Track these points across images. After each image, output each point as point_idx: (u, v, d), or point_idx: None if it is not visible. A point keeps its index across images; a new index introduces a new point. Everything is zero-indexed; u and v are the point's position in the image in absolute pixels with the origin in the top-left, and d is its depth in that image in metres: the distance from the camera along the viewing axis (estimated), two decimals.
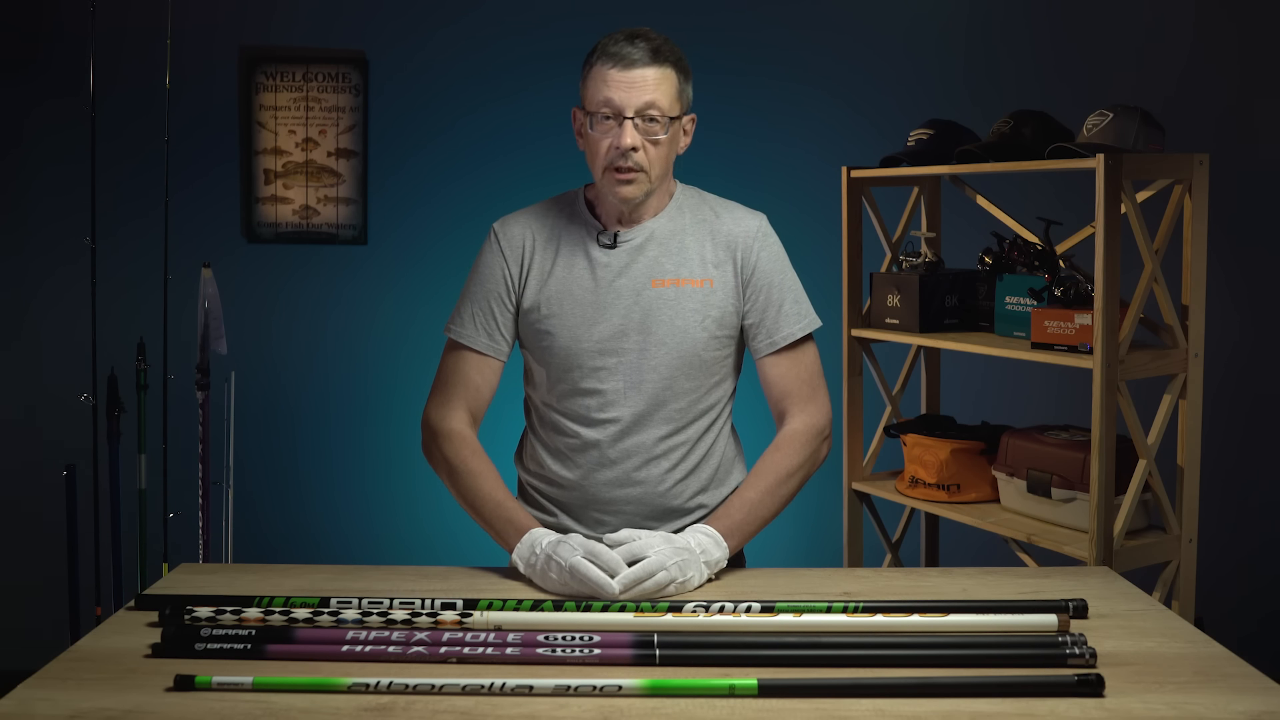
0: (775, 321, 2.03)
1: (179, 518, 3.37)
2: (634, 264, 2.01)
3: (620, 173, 1.94)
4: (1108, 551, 2.41)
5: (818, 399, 2.05)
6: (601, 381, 2.01)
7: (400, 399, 3.87)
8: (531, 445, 2.13)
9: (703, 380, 2.03)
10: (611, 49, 1.93)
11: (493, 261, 2.06)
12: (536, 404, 2.11)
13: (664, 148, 1.95)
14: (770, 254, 2.05)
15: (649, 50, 1.92)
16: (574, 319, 2.01)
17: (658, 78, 1.92)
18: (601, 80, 1.93)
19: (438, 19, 3.84)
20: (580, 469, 2.04)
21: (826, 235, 3.31)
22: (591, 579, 1.73)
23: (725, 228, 2.05)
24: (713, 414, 2.07)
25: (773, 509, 1.98)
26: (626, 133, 1.91)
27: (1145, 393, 2.66)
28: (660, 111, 1.92)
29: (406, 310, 3.88)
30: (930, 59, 3.82)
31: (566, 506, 2.07)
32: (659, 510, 2.04)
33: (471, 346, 2.04)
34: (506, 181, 3.80)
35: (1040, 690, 1.43)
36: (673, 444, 2.03)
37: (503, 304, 2.05)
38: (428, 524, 3.80)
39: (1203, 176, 2.49)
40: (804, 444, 2.01)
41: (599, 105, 1.93)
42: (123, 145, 3.73)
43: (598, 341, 2.00)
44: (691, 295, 2.00)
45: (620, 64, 1.92)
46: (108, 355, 3.32)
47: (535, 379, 2.09)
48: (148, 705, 1.40)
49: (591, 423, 2.02)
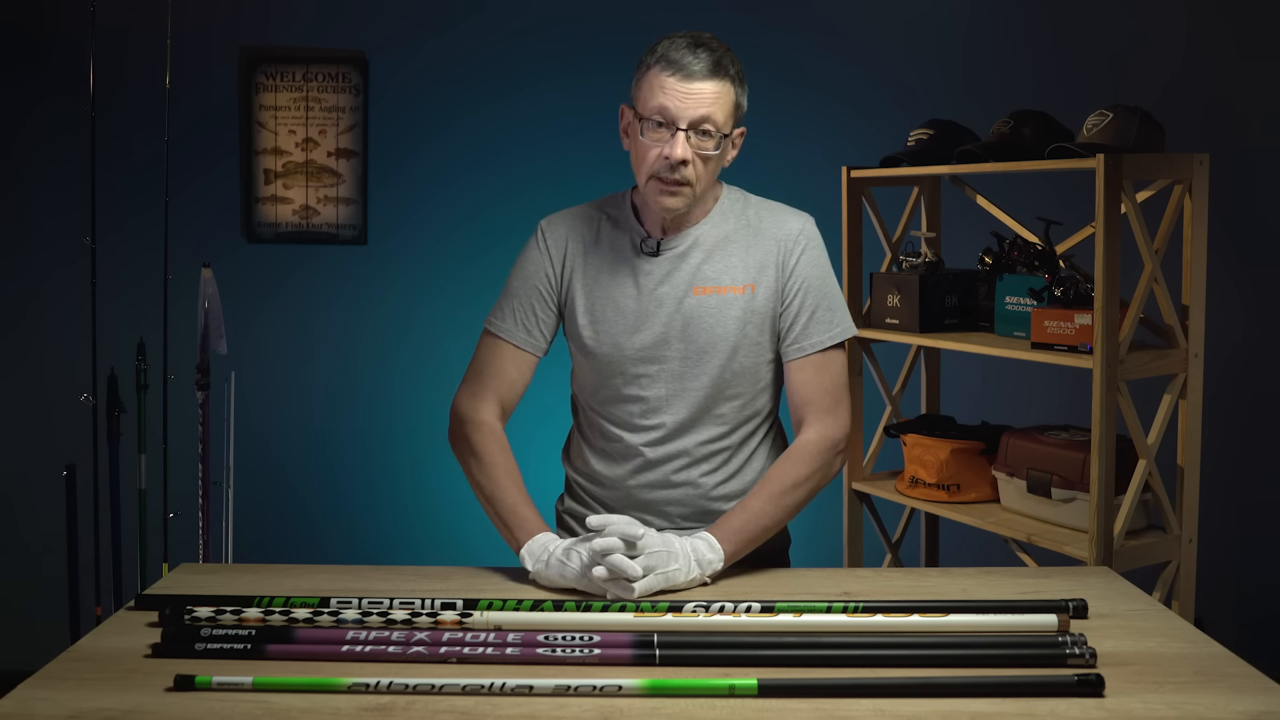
0: (806, 327, 2.00)
1: (179, 518, 3.37)
2: (676, 272, 1.99)
3: (666, 183, 1.91)
4: (1108, 551, 2.41)
5: (838, 412, 2.00)
6: (644, 389, 2.00)
7: (400, 398, 3.88)
8: (578, 443, 2.13)
9: (748, 386, 2.02)
10: (674, 55, 1.87)
11: (537, 259, 2.05)
12: (581, 405, 2.11)
13: (714, 162, 1.92)
14: (810, 258, 2.02)
15: (711, 62, 1.87)
16: (616, 326, 2.00)
17: (716, 92, 1.88)
18: (659, 86, 1.88)
19: (438, 20, 3.84)
20: (623, 470, 2.04)
21: (827, 235, 3.26)
22: (624, 569, 1.71)
23: (769, 229, 2.02)
24: (758, 419, 2.06)
25: (775, 518, 1.94)
26: (678, 144, 1.87)
27: (1145, 393, 2.66)
28: (715, 126, 1.89)
29: (406, 310, 3.88)
30: (930, 59, 3.82)
31: (609, 505, 2.07)
32: (700, 512, 2.03)
33: (509, 340, 2.03)
34: (506, 181, 3.80)
35: (1040, 690, 1.42)
36: (716, 448, 2.02)
37: (544, 301, 2.04)
38: (428, 524, 3.79)
39: (1203, 176, 2.49)
40: (814, 455, 1.97)
41: (653, 111, 1.89)
42: (123, 145, 3.73)
43: (640, 349, 1.99)
44: (733, 303, 1.98)
45: (680, 73, 1.87)
46: (108, 355, 3.32)
47: (581, 380, 2.10)
48: (148, 705, 1.40)
49: (635, 428, 2.02)
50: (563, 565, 1.80)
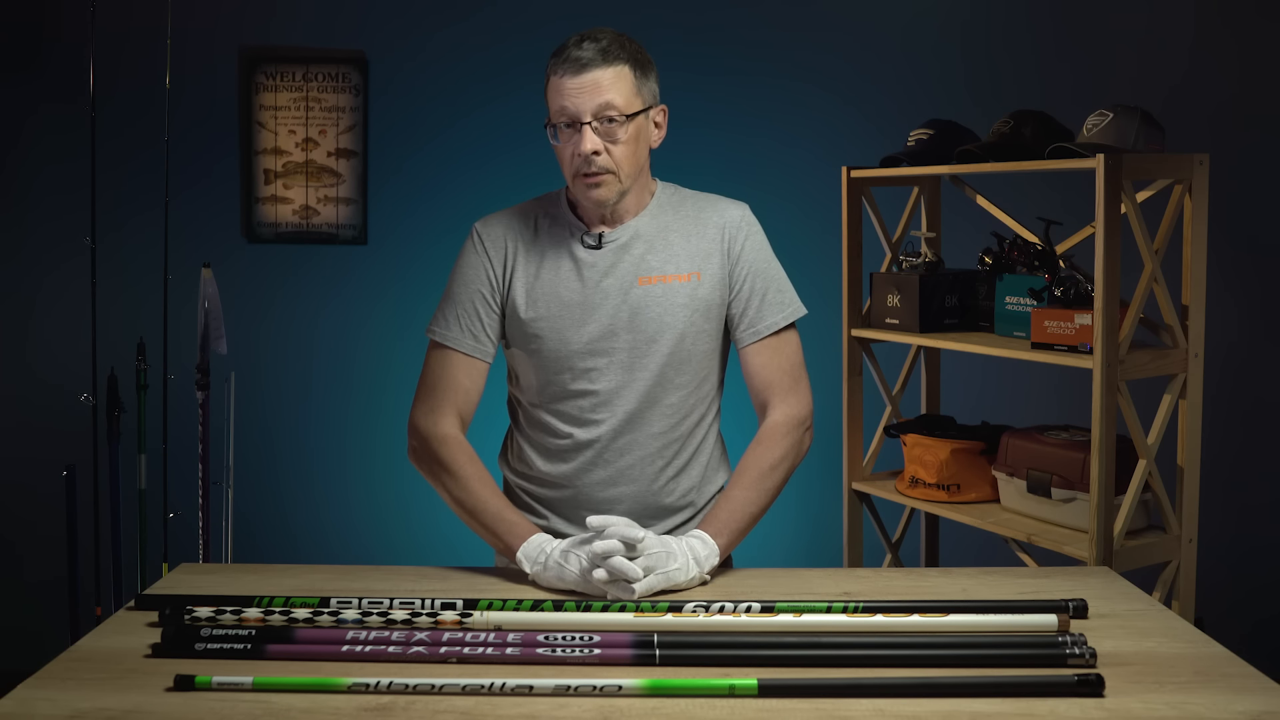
0: (759, 310, 2.03)
1: (179, 518, 3.37)
2: (620, 263, 2.00)
3: (588, 177, 1.94)
4: (1108, 551, 2.41)
5: (799, 390, 2.04)
6: (593, 382, 2.00)
7: (400, 399, 3.85)
8: (518, 445, 2.12)
9: (693, 374, 2.03)
10: (563, 55, 1.93)
11: (475, 262, 2.06)
12: (524, 404, 2.10)
13: (628, 146, 1.94)
14: (755, 243, 2.05)
15: (598, 51, 1.91)
16: (562, 320, 2.00)
17: (612, 77, 1.91)
18: (556, 90, 1.93)
19: (438, 19, 3.84)
20: (572, 468, 2.04)
21: (826, 235, 3.31)
22: (624, 571, 1.71)
23: (710, 218, 2.05)
24: (703, 407, 2.07)
25: (760, 504, 1.96)
26: (585, 138, 1.91)
27: (1145, 393, 2.66)
28: (617, 110, 1.91)
29: (406, 310, 3.88)
30: (930, 59, 3.82)
31: (556, 506, 2.06)
32: (650, 508, 2.03)
33: (458, 349, 2.03)
34: (506, 181, 3.79)
35: (1040, 690, 1.42)
36: (666, 440, 2.03)
37: (487, 305, 2.04)
38: (427, 524, 3.79)
39: (1203, 176, 2.49)
40: (785, 435, 2.00)
41: (557, 114, 1.94)
42: (123, 145, 3.73)
43: (587, 342, 1.99)
44: (679, 291, 2.00)
45: (571, 69, 1.91)
46: (108, 355, 3.32)
47: (521, 380, 2.08)
48: (148, 705, 1.40)
49: (584, 423, 2.02)
50: (561, 568, 1.80)
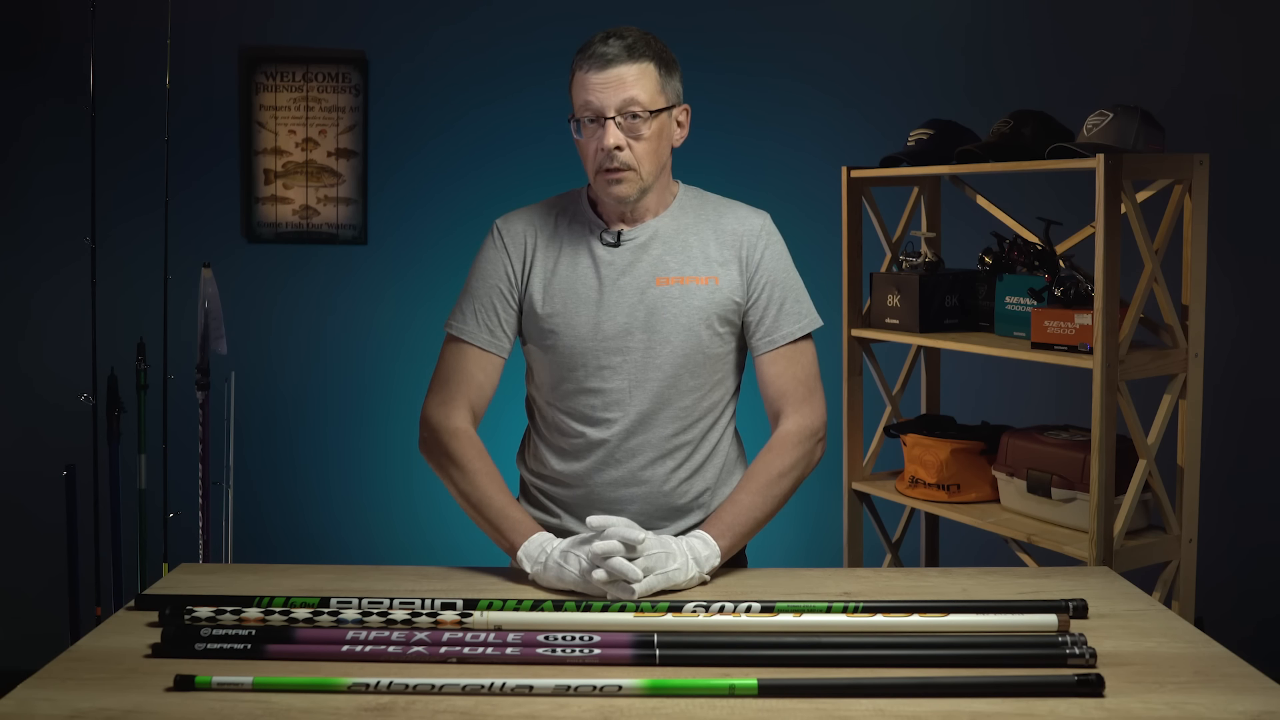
0: (775, 320, 2.03)
1: (179, 518, 3.37)
2: (638, 262, 2.01)
3: (610, 173, 1.94)
4: (1108, 551, 2.41)
5: (813, 400, 2.04)
6: (606, 380, 2.00)
7: (400, 399, 3.87)
8: (534, 444, 2.13)
9: (707, 377, 2.03)
10: (589, 51, 1.94)
11: (495, 257, 2.06)
12: (539, 403, 2.10)
13: (650, 143, 1.95)
14: (774, 252, 2.06)
15: (624, 47, 1.92)
16: (578, 317, 2.00)
17: (636, 73, 1.92)
18: (581, 84, 1.94)
19: (438, 19, 3.84)
20: (584, 467, 2.04)
21: (826, 235, 3.31)
22: (624, 571, 1.71)
23: (730, 225, 2.05)
24: (716, 411, 2.07)
25: (766, 510, 1.97)
26: (609, 133, 1.92)
27: (1145, 393, 2.66)
28: (641, 107, 1.92)
29: (406, 310, 3.88)
30: (930, 59, 3.82)
31: (569, 506, 2.06)
32: (663, 509, 2.03)
33: (473, 343, 2.03)
34: (506, 181, 3.80)
35: (1040, 690, 1.43)
36: (679, 442, 2.03)
37: (505, 300, 2.04)
38: (427, 524, 3.80)
39: (1203, 176, 2.49)
40: (796, 445, 2.00)
41: (581, 109, 1.95)
42: (123, 145, 3.73)
43: (603, 340, 2.00)
44: (696, 293, 2.00)
45: (596, 65, 1.92)
46: (108, 355, 3.32)
47: (537, 378, 2.09)
48: (148, 705, 1.40)
49: (596, 422, 2.02)
50: (560, 568, 1.80)
